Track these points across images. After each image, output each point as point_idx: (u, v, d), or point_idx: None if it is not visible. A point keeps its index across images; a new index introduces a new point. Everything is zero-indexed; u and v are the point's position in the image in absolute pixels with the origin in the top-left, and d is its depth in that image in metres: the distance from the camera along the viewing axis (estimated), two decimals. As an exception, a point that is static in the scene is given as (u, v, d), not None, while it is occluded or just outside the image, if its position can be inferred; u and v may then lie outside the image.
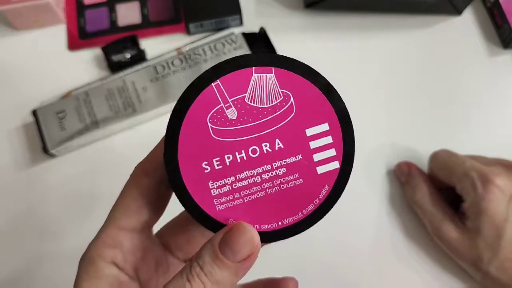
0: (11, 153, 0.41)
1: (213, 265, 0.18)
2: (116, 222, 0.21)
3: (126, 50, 0.43)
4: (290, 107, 0.20)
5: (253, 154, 0.20)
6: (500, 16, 0.45)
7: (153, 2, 0.47)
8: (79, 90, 0.42)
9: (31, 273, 0.38)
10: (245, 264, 0.18)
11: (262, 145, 0.20)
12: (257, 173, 0.20)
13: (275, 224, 0.20)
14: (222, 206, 0.20)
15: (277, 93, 0.20)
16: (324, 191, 0.20)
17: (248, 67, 0.20)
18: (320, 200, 0.20)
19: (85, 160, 0.41)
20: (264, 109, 0.20)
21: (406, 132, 0.42)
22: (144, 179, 0.21)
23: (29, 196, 0.40)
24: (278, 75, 0.20)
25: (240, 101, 0.19)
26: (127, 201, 0.21)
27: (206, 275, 0.18)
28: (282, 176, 0.20)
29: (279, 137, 0.20)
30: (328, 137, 0.20)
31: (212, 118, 0.19)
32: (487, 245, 0.32)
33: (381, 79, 0.44)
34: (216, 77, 0.19)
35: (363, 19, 0.46)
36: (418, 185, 0.37)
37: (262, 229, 0.20)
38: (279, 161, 0.20)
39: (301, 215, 0.20)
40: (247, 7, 0.46)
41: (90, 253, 0.21)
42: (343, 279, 0.37)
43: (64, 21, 0.46)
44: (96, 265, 0.20)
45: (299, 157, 0.20)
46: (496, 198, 0.32)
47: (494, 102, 0.43)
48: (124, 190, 0.21)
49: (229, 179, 0.20)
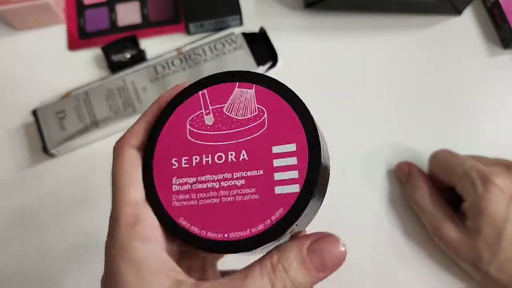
0: (11, 153, 0.41)
1: (299, 271, 0.18)
2: (126, 197, 0.20)
3: (126, 50, 0.43)
4: (262, 122, 0.20)
5: (218, 160, 0.20)
6: (500, 16, 0.45)
7: (153, 2, 0.47)
8: (79, 90, 0.42)
9: (31, 273, 0.38)
10: (327, 275, 0.18)
11: (229, 153, 0.20)
12: (217, 179, 0.20)
13: (221, 235, 0.19)
14: (178, 203, 0.20)
15: (253, 107, 0.21)
16: (278, 213, 0.19)
17: (233, 82, 0.21)
18: (272, 222, 0.19)
19: (85, 160, 0.41)
20: (238, 121, 0.21)
21: (406, 132, 0.42)
22: (131, 150, 0.21)
23: (29, 196, 0.40)
24: (258, 92, 0.21)
25: (219, 110, 0.21)
26: (127, 176, 0.20)
27: (291, 280, 0.18)
28: (239, 187, 0.20)
29: (246, 149, 0.20)
30: (294, 158, 0.19)
31: (192, 121, 0.21)
32: (487, 245, 0.32)
33: (381, 79, 0.44)
34: (205, 86, 0.21)
35: (363, 19, 0.46)
36: (418, 185, 0.37)
37: (207, 236, 0.19)
38: (240, 172, 0.20)
39: (249, 232, 0.19)
40: (247, 7, 0.46)
41: (121, 240, 0.19)
42: (343, 279, 0.37)
43: (64, 21, 0.46)
44: (135, 249, 0.19)
45: (260, 172, 0.20)
46: (496, 198, 0.32)
47: (494, 102, 0.43)
48: (116, 170, 0.20)
49: (191, 179, 0.20)
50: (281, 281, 0.18)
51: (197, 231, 0.20)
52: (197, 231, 0.20)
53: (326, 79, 0.43)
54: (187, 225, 0.20)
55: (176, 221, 0.20)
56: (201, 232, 0.19)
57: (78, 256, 0.38)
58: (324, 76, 0.43)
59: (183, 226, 0.20)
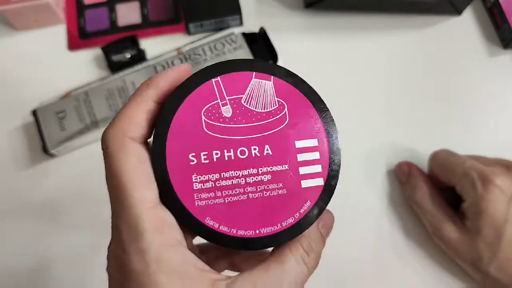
0: (11, 153, 0.41)
1: (320, 246, 0.20)
2: (143, 200, 0.18)
3: (126, 50, 0.43)
4: (283, 116, 0.20)
5: (241, 155, 0.19)
6: (500, 16, 0.45)
7: (153, 2, 0.47)
8: (79, 90, 0.42)
9: (31, 273, 0.38)
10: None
11: (252, 148, 0.20)
12: (242, 175, 0.19)
13: (252, 232, 0.19)
14: (201, 202, 0.19)
15: (273, 101, 0.20)
16: (306, 206, 0.20)
17: (249, 71, 0.20)
18: (301, 215, 0.19)
19: (85, 160, 0.41)
20: (258, 113, 0.20)
21: (406, 132, 0.42)
22: (134, 143, 0.19)
23: (29, 196, 0.40)
24: (276, 84, 0.20)
25: (237, 101, 0.20)
26: (137, 174, 0.18)
27: (316, 256, 0.20)
28: (266, 182, 0.19)
29: (269, 143, 0.20)
30: (316, 153, 0.20)
31: (207, 112, 0.20)
32: (487, 245, 0.32)
33: (381, 79, 0.44)
34: (218, 74, 0.20)
35: (363, 19, 0.46)
36: (418, 185, 0.37)
37: (238, 234, 0.19)
38: (265, 167, 0.19)
39: (280, 227, 0.19)
40: (247, 7, 0.46)
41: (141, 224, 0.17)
42: (342, 279, 0.37)
43: (64, 21, 0.46)
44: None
45: (285, 167, 0.20)
46: (496, 198, 0.32)
47: (494, 102, 0.43)
48: (120, 167, 0.18)
49: (214, 175, 0.19)
50: (312, 260, 0.20)
51: (227, 230, 0.19)
52: (226, 230, 0.19)
53: (326, 79, 0.43)
54: (214, 225, 0.19)
55: (202, 221, 0.19)
56: (231, 230, 0.19)
57: (77, 255, 0.38)
58: (324, 76, 0.43)
59: (211, 226, 0.19)
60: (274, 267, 0.19)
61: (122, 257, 0.17)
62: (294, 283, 0.19)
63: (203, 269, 0.18)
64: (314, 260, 0.20)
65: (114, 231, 0.18)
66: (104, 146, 0.18)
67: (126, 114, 0.19)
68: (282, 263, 0.19)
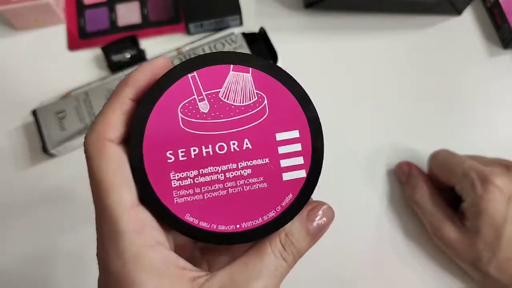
0: (11, 153, 0.41)
1: (304, 241, 0.20)
2: (123, 202, 0.18)
3: (126, 50, 0.43)
4: (263, 109, 0.20)
5: (220, 150, 0.19)
6: (500, 16, 0.45)
7: (153, 2, 0.47)
8: (79, 90, 0.42)
9: (31, 272, 0.38)
10: (322, 235, 0.21)
11: (231, 142, 0.19)
12: (221, 170, 0.19)
13: (233, 227, 0.19)
14: (180, 200, 0.19)
15: (252, 93, 0.20)
16: (288, 199, 0.19)
17: (226, 64, 0.19)
18: (282, 208, 0.19)
19: (85, 160, 0.41)
20: (236, 107, 0.19)
21: (406, 132, 0.42)
22: (113, 146, 0.19)
23: (29, 196, 0.40)
24: (255, 76, 0.20)
25: (214, 96, 0.19)
26: (116, 177, 0.18)
27: (298, 251, 0.20)
28: (246, 177, 0.19)
29: (249, 137, 0.19)
30: (298, 144, 0.20)
31: (184, 109, 0.19)
32: (487, 245, 0.32)
33: (381, 79, 0.44)
34: (194, 68, 0.19)
35: (363, 19, 0.46)
36: (418, 185, 0.37)
37: (218, 230, 0.19)
38: (245, 162, 0.19)
39: (261, 220, 0.19)
40: (247, 7, 0.46)
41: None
42: (342, 279, 0.37)
43: (64, 21, 0.46)
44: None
45: (266, 160, 0.19)
46: (496, 198, 0.32)
47: (494, 102, 0.43)
48: (101, 171, 0.18)
49: (192, 172, 0.19)
50: (291, 254, 0.20)
51: (207, 225, 0.19)
52: (207, 226, 0.19)
53: (326, 79, 0.43)
54: (194, 222, 0.19)
55: (182, 218, 0.19)
56: (211, 226, 0.19)
57: (77, 255, 0.38)
58: (324, 76, 0.43)
59: (191, 223, 0.19)
60: (253, 261, 0.19)
61: (104, 257, 0.18)
62: (273, 276, 0.19)
63: (184, 267, 0.19)
64: (293, 255, 0.20)
65: (97, 233, 0.19)
66: (85, 150, 0.19)
67: (103, 117, 0.19)
68: (261, 257, 0.19)
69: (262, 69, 0.20)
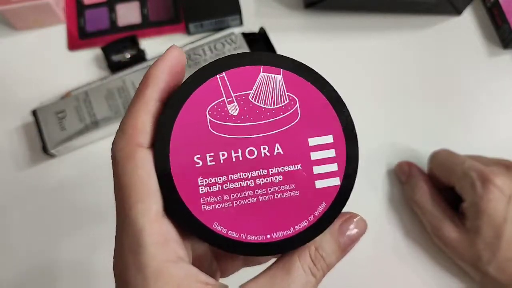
0: (11, 153, 0.41)
1: (334, 255, 0.19)
2: (149, 213, 0.17)
3: (126, 50, 0.43)
4: (295, 112, 0.19)
5: (250, 155, 0.18)
6: (500, 16, 0.45)
7: (153, 2, 0.47)
8: (79, 90, 0.42)
9: (31, 272, 0.38)
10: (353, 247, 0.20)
11: (261, 147, 0.18)
12: (251, 176, 0.18)
13: (263, 237, 0.18)
14: (208, 207, 0.18)
15: (283, 96, 0.19)
16: (321, 208, 0.18)
17: (257, 65, 0.19)
18: (315, 217, 0.18)
19: (85, 160, 0.41)
20: (267, 110, 0.18)
21: (406, 132, 0.42)
22: (143, 153, 0.18)
23: (29, 196, 0.40)
24: (286, 78, 0.19)
25: (244, 98, 0.18)
26: (144, 185, 0.17)
27: (328, 266, 0.19)
28: (277, 184, 0.18)
29: (280, 142, 0.18)
30: (331, 150, 0.18)
31: (212, 111, 0.18)
32: (486, 245, 0.32)
33: (381, 79, 0.44)
34: (223, 69, 0.18)
35: (363, 19, 0.46)
36: (418, 184, 0.37)
37: (247, 240, 0.18)
38: (276, 168, 0.18)
39: (293, 231, 0.18)
40: (247, 7, 0.46)
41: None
42: (342, 279, 0.37)
43: (64, 21, 0.46)
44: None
45: (298, 166, 0.18)
46: (496, 198, 0.32)
47: (494, 102, 0.43)
48: (129, 179, 0.17)
49: (221, 178, 0.18)
50: (320, 270, 0.19)
51: (236, 235, 0.18)
52: (235, 236, 0.18)
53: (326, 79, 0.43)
54: (223, 231, 0.18)
55: (209, 227, 0.18)
56: (241, 236, 0.18)
57: (77, 255, 0.38)
58: (324, 76, 0.43)
59: (219, 232, 0.18)
60: (281, 276, 0.18)
61: (123, 270, 0.17)
62: None
63: (206, 282, 0.18)
64: (323, 271, 0.19)
65: (116, 244, 0.18)
66: (112, 156, 0.18)
67: (130, 121, 0.18)
68: (288, 272, 0.18)
69: (294, 70, 0.19)
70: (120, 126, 0.18)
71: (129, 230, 0.17)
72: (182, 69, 0.19)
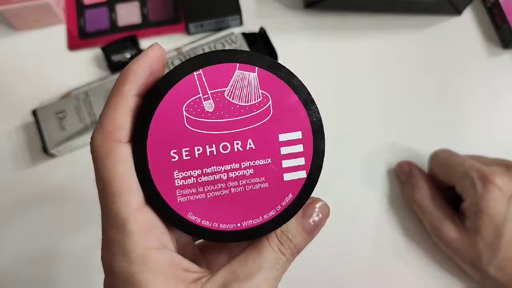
0: (11, 153, 0.41)
1: (300, 237, 0.20)
2: (131, 204, 0.18)
3: (126, 50, 0.43)
4: (267, 109, 0.20)
5: (223, 150, 0.19)
6: (500, 16, 0.45)
7: (153, 2, 0.47)
8: (79, 90, 0.42)
9: (31, 272, 0.38)
10: (319, 231, 0.21)
11: (234, 142, 0.19)
12: (224, 170, 0.19)
13: (233, 225, 0.20)
14: (183, 198, 0.19)
15: (257, 93, 0.20)
16: (288, 199, 0.20)
17: (233, 62, 0.19)
18: (282, 207, 0.20)
19: (85, 160, 0.41)
20: (241, 107, 0.19)
21: (406, 132, 0.42)
22: (122, 147, 0.18)
23: (29, 196, 0.40)
24: (261, 76, 0.20)
25: (219, 95, 0.19)
26: (125, 179, 0.18)
27: (295, 246, 0.20)
28: (249, 177, 0.20)
29: (252, 138, 0.19)
30: (300, 145, 0.20)
31: (188, 107, 0.19)
32: (487, 245, 0.32)
33: (381, 79, 0.44)
34: (200, 66, 0.19)
35: (363, 19, 0.46)
36: (418, 184, 0.37)
37: (219, 228, 0.19)
38: (248, 162, 0.20)
39: (261, 219, 0.20)
40: (247, 7, 0.46)
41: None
42: (342, 278, 0.37)
43: (64, 21, 0.46)
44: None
45: (268, 160, 0.20)
46: (496, 198, 0.32)
47: (494, 102, 0.43)
48: (110, 173, 0.18)
49: (196, 171, 0.19)
50: (288, 249, 0.20)
51: (209, 224, 0.19)
52: (208, 225, 0.19)
53: (325, 79, 0.43)
54: (197, 220, 0.19)
55: (184, 217, 0.19)
56: (213, 225, 0.19)
57: (76, 254, 0.38)
58: (323, 76, 0.43)
59: (193, 221, 0.19)
60: (252, 256, 0.20)
61: (109, 259, 0.18)
62: (273, 269, 0.20)
63: (187, 269, 0.19)
64: (291, 250, 0.20)
65: (103, 235, 0.19)
66: (92, 150, 0.19)
67: (109, 116, 0.18)
68: (259, 252, 0.20)
69: (268, 68, 0.20)
70: (99, 120, 0.19)
71: (113, 221, 0.18)
72: (162, 67, 0.20)
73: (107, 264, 0.18)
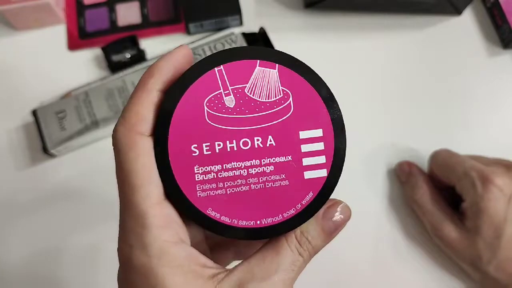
0: (11, 153, 0.41)
1: (319, 238, 0.20)
2: (151, 197, 0.18)
3: (126, 50, 0.43)
4: (288, 106, 0.20)
5: (244, 146, 0.19)
6: (500, 16, 0.45)
7: (153, 2, 0.47)
8: (79, 90, 0.42)
9: (31, 272, 0.38)
10: (339, 232, 0.21)
11: (255, 138, 0.19)
12: (244, 166, 0.19)
13: (253, 222, 0.19)
14: (203, 194, 0.19)
15: (278, 90, 0.20)
16: (308, 197, 0.20)
17: (253, 59, 0.19)
18: (303, 206, 0.19)
19: (85, 160, 0.41)
20: (262, 103, 0.19)
21: (406, 132, 0.42)
22: (144, 140, 0.19)
23: (29, 196, 0.40)
24: (281, 73, 0.20)
25: (240, 91, 0.19)
26: (146, 171, 0.18)
27: (313, 247, 0.20)
28: (269, 174, 0.19)
29: (272, 134, 0.19)
30: (320, 143, 0.20)
31: (210, 103, 0.19)
32: (486, 245, 0.32)
33: (381, 79, 0.44)
34: (221, 62, 0.19)
35: (363, 19, 0.46)
36: (418, 184, 0.37)
37: (239, 225, 0.19)
38: (268, 158, 0.19)
39: (281, 217, 0.19)
40: (247, 7, 0.46)
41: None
42: (342, 278, 0.37)
43: (64, 21, 0.46)
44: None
45: (289, 158, 0.19)
46: (496, 198, 0.32)
47: (493, 102, 0.43)
48: (131, 165, 0.18)
49: (216, 167, 0.19)
50: (306, 250, 0.20)
51: (228, 220, 0.19)
52: (228, 221, 0.19)
53: (326, 79, 0.43)
54: (216, 216, 0.19)
55: (204, 212, 0.19)
56: (232, 221, 0.19)
57: (76, 254, 0.38)
58: (324, 76, 0.43)
59: (212, 217, 0.19)
60: (270, 256, 0.20)
61: (127, 251, 0.18)
62: (290, 270, 0.19)
63: (205, 264, 0.19)
64: (309, 252, 0.20)
65: (121, 227, 0.19)
66: (114, 142, 0.19)
67: (133, 109, 0.19)
68: (277, 252, 0.20)
69: (289, 65, 0.20)
70: (122, 113, 0.19)
71: (132, 213, 0.18)
72: (187, 66, 0.20)
73: (124, 256, 0.18)
